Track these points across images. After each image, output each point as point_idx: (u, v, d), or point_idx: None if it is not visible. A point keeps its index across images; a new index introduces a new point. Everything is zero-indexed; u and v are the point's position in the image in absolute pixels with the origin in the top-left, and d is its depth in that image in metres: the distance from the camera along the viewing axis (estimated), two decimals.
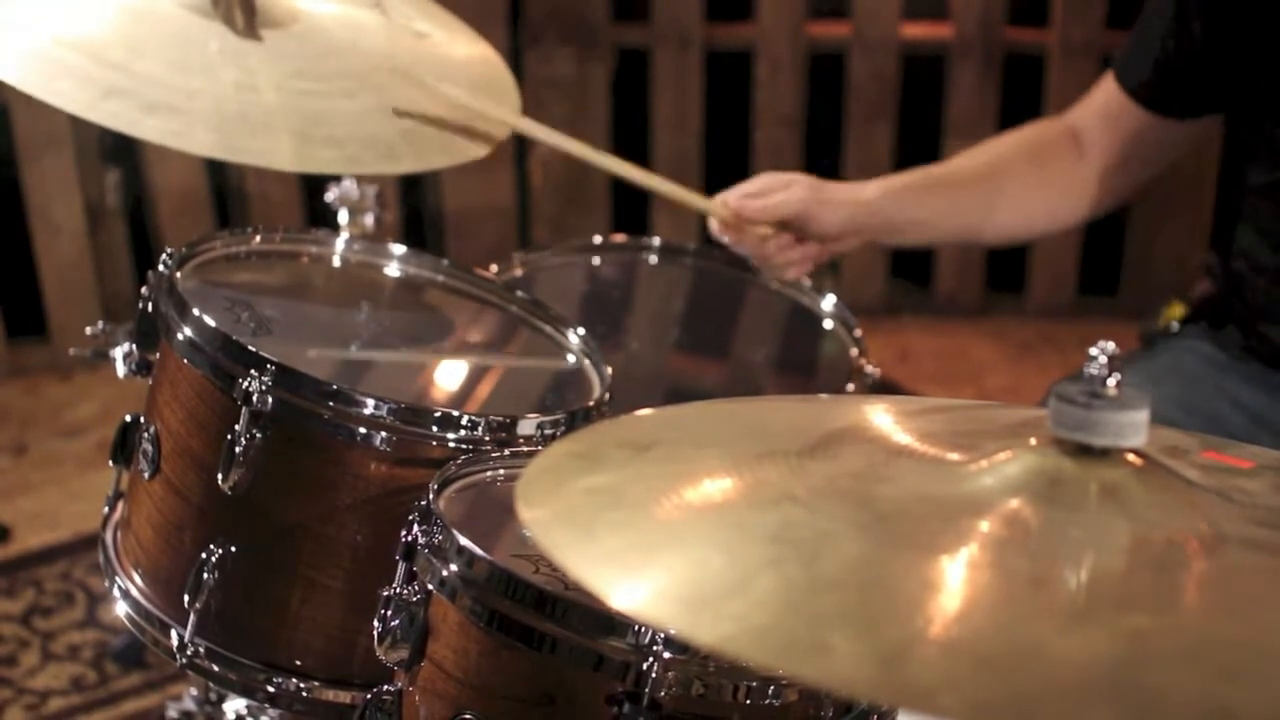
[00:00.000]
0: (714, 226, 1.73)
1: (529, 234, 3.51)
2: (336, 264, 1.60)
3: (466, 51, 1.81)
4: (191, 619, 1.33)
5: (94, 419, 3.03)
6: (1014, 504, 0.85)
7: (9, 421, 3.03)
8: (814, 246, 1.73)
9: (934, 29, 3.44)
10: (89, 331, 1.55)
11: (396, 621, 1.13)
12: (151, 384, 1.43)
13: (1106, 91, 1.76)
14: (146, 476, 1.39)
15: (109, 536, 1.47)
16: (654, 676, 1.04)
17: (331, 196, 1.83)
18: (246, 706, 1.65)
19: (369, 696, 1.17)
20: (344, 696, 1.33)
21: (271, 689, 1.34)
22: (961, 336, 3.51)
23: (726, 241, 1.73)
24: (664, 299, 1.92)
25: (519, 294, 1.59)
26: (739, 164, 3.39)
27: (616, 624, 1.05)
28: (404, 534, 1.16)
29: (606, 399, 1.40)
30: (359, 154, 1.57)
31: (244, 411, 1.28)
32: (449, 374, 1.51)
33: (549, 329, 1.56)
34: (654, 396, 1.69)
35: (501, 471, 1.28)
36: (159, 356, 1.43)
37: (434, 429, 1.30)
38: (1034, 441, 0.89)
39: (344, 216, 1.82)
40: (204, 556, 1.32)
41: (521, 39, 3.35)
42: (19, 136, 3.05)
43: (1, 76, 1.48)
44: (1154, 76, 1.70)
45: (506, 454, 1.29)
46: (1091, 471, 0.86)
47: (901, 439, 0.96)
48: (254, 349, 1.30)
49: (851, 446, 0.95)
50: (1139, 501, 0.86)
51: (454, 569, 1.11)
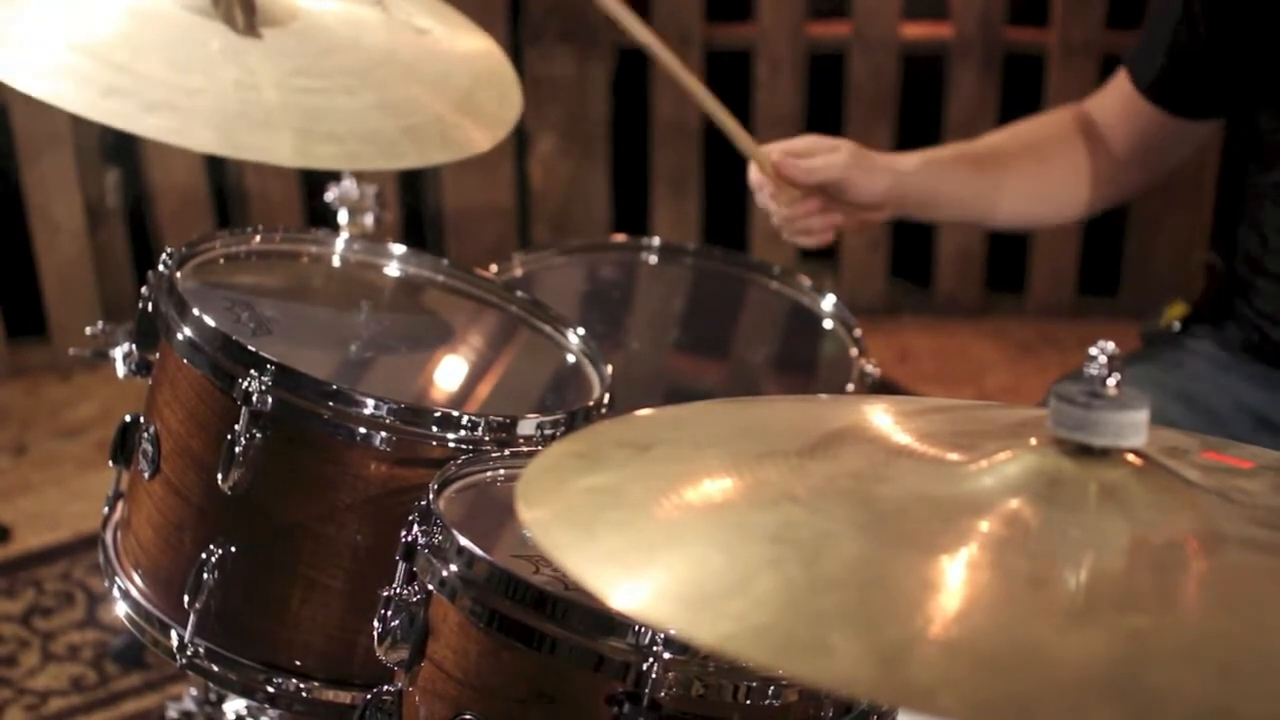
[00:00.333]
0: (752, 175, 1.71)
1: (529, 234, 3.51)
2: (336, 264, 1.60)
3: (468, 46, 1.80)
4: (191, 619, 1.33)
5: (94, 419, 3.03)
6: (1014, 504, 0.85)
7: (9, 421, 3.02)
8: (838, 216, 1.72)
9: (934, 29, 3.44)
10: (89, 331, 1.55)
11: (396, 622, 1.13)
12: (151, 384, 1.43)
13: (1120, 87, 1.77)
14: (146, 476, 1.40)
15: (109, 537, 1.48)
16: (654, 677, 1.04)
17: (331, 196, 1.83)
18: (246, 707, 1.64)
19: (369, 697, 1.17)
20: (344, 697, 1.33)
21: (271, 689, 1.34)
22: (961, 336, 3.51)
23: (758, 192, 1.72)
24: (664, 299, 1.92)
25: (519, 294, 1.59)
26: (739, 164, 3.37)
27: (616, 624, 1.05)
28: (404, 534, 1.16)
29: (606, 399, 1.40)
30: (359, 150, 1.57)
31: (244, 411, 1.28)
32: (449, 374, 1.51)
33: (549, 329, 1.56)
34: (654, 396, 1.69)
35: (501, 471, 1.28)
36: (159, 356, 1.43)
37: (434, 429, 1.30)
38: (1034, 441, 0.89)
39: (344, 216, 1.82)
40: (204, 557, 1.32)
41: (522, 37, 3.35)
42: (19, 136, 3.04)
43: (3, 77, 1.48)
44: (1164, 75, 1.71)
45: (506, 454, 1.29)
46: (1091, 472, 0.86)
47: (901, 439, 0.96)
48: (254, 349, 1.31)
49: (851, 446, 0.95)
50: (1139, 502, 0.86)
51: (454, 569, 1.11)
